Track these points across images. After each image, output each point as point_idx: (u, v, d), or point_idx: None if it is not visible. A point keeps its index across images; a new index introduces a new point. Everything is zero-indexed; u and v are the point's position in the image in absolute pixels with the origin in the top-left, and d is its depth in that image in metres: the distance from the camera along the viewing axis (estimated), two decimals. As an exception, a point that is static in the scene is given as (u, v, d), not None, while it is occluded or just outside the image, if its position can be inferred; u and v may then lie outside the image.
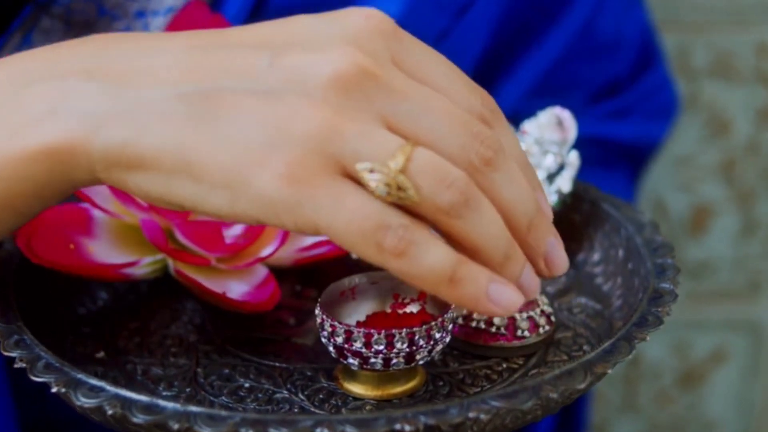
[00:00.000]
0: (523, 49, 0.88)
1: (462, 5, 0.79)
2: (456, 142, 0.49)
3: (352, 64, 0.49)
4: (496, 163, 0.50)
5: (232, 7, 0.75)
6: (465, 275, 0.49)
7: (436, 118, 0.49)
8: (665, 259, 0.63)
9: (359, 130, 0.48)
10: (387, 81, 0.49)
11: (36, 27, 0.71)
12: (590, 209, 0.70)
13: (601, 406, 1.31)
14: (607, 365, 0.54)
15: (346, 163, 0.48)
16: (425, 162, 0.48)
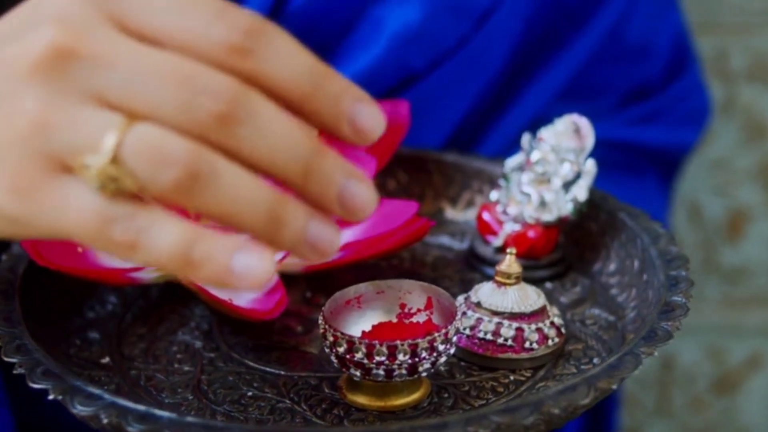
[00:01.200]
0: (550, 54, 0.87)
1: (483, 12, 0.78)
2: (177, 105, 0.44)
3: (47, 46, 0.44)
4: (237, 115, 0.44)
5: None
6: (201, 254, 0.44)
7: (150, 81, 0.44)
8: (679, 272, 0.62)
9: (68, 119, 0.44)
10: (91, 54, 0.44)
11: None
12: (607, 219, 0.69)
13: (635, 410, 1.30)
14: (612, 381, 0.53)
15: (64, 158, 0.44)
16: (137, 142, 0.43)
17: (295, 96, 0.46)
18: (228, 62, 0.45)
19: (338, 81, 0.47)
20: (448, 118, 0.84)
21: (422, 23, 0.77)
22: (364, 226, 0.67)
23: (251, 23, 0.45)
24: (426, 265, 0.70)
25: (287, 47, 0.46)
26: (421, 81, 0.80)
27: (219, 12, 0.45)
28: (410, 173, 0.76)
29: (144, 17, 0.46)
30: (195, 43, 0.45)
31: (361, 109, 0.47)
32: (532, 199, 0.68)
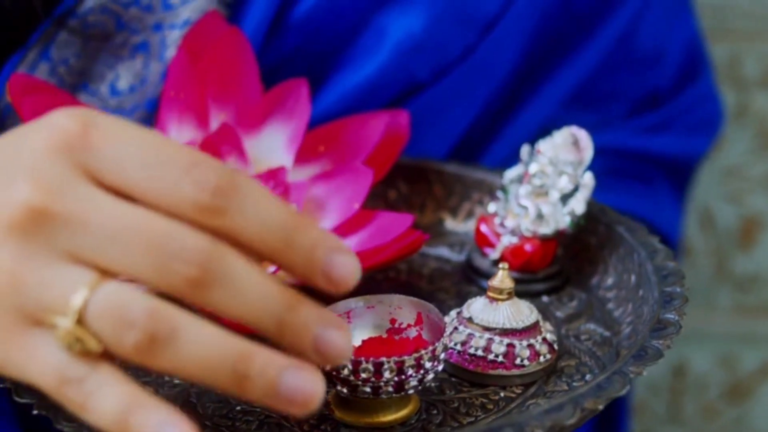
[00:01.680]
0: (558, 61, 0.86)
1: (489, 21, 0.78)
2: (150, 269, 0.45)
3: (23, 205, 0.46)
4: (209, 278, 0.45)
5: (252, 20, 0.74)
6: (137, 423, 0.45)
7: (123, 245, 0.45)
8: (674, 288, 0.61)
9: (39, 278, 0.46)
10: (65, 214, 0.46)
11: (54, 41, 0.71)
12: (606, 232, 0.69)
13: (646, 417, 1.29)
14: (599, 401, 0.53)
15: (35, 315, 0.46)
16: (102, 303, 0.45)
17: (267, 251, 0.47)
18: (198, 220, 0.46)
19: (311, 233, 0.47)
20: (454, 128, 0.84)
21: (426, 32, 0.76)
22: (359, 239, 0.67)
23: (220, 179, 0.46)
24: (423, 277, 0.70)
25: (258, 202, 0.46)
26: (426, 91, 0.79)
27: (187, 168, 0.46)
28: (411, 183, 0.76)
29: (116, 173, 0.47)
30: (165, 202, 0.46)
31: (335, 259, 0.47)
32: (529, 212, 0.67)
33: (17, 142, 0.48)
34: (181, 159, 0.46)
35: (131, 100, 0.73)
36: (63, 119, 0.47)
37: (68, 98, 0.68)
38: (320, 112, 0.76)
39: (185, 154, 0.47)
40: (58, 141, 0.47)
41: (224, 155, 0.68)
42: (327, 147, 0.72)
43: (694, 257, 1.22)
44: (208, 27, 0.71)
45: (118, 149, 0.47)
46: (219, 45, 0.70)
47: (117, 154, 0.47)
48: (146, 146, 0.47)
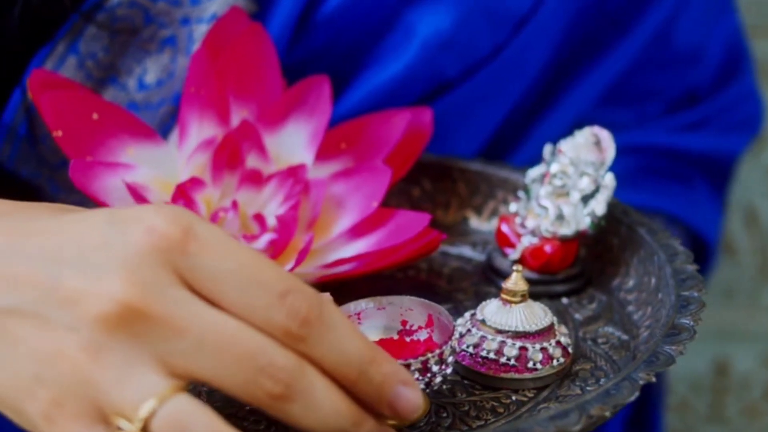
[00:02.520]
0: (592, 59, 0.85)
1: (520, 19, 0.77)
2: (238, 379, 0.47)
3: (116, 301, 0.47)
4: (291, 395, 0.48)
5: (280, 16, 0.74)
6: None
7: (214, 354, 0.47)
8: (691, 293, 0.60)
9: (116, 377, 0.47)
10: (159, 318, 0.47)
11: (82, 35, 0.71)
12: (627, 233, 0.68)
13: (688, 415, 1.28)
14: (606, 408, 0.52)
15: (104, 410, 0.47)
16: (167, 418, 0.46)
17: (342, 380, 0.49)
18: (284, 342, 0.48)
19: (384, 367, 0.50)
20: (484, 127, 0.83)
21: (454, 30, 0.76)
22: (377, 237, 0.67)
23: (309, 310, 0.48)
24: (442, 276, 0.70)
25: (340, 335, 0.49)
26: (455, 89, 0.79)
27: (281, 295, 0.48)
28: (435, 181, 0.76)
29: (211, 284, 0.48)
30: (256, 321, 0.48)
31: (401, 393, 0.50)
32: (549, 213, 0.67)
33: (111, 234, 0.49)
34: (276, 285, 0.48)
35: (158, 95, 0.74)
36: (164, 223, 0.48)
37: (88, 94, 0.69)
38: (347, 109, 0.76)
39: (280, 280, 0.48)
40: (157, 243, 0.48)
41: (244, 152, 0.68)
42: (349, 144, 0.72)
43: (738, 256, 1.21)
44: (230, 23, 0.71)
45: (215, 262, 0.48)
46: (240, 41, 0.70)
47: (214, 267, 0.48)
48: (243, 264, 0.48)
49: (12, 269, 0.49)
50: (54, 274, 0.48)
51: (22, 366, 0.48)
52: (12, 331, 0.48)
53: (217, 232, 0.49)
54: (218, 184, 0.67)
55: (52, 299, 0.48)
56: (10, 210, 0.53)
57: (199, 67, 0.68)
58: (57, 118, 0.66)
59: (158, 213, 0.49)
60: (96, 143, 0.67)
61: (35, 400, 0.48)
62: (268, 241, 0.66)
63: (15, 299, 0.48)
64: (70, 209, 0.53)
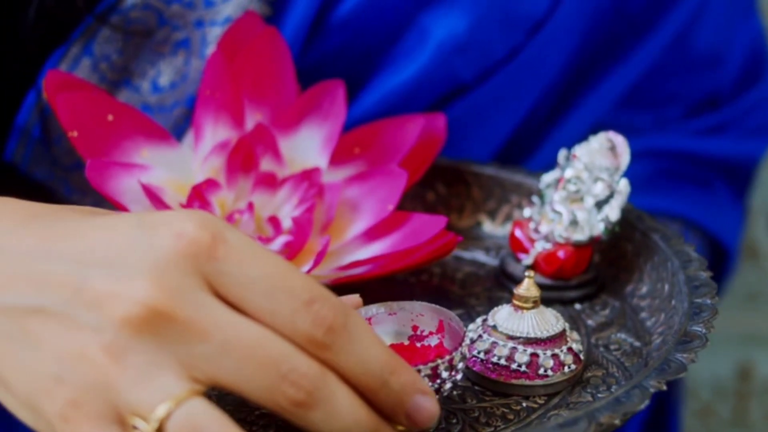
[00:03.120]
0: (609, 63, 0.85)
1: (535, 23, 0.77)
2: (260, 385, 0.47)
3: (142, 304, 0.47)
4: (312, 402, 0.48)
5: (294, 19, 0.74)
6: None
7: (237, 360, 0.47)
8: (704, 300, 0.60)
9: (136, 378, 0.47)
10: (184, 321, 0.47)
11: (96, 37, 0.71)
12: (642, 239, 0.67)
13: (711, 420, 1.27)
14: (615, 416, 0.52)
15: (121, 411, 0.47)
16: (182, 421, 0.46)
17: (363, 388, 0.49)
18: (308, 349, 0.48)
19: (404, 377, 0.50)
20: (501, 130, 0.83)
21: (470, 33, 0.75)
22: (393, 240, 0.67)
23: (335, 318, 0.48)
24: (455, 281, 0.69)
25: (363, 345, 0.49)
26: (471, 92, 0.78)
27: (307, 302, 0.48)
28: (449, 185, 0.75)
29: (238, 290, 0.48)
30: (280, 328, 0.48)
31: (419, 403, 0.51)
32: (563, 218, 0.66)
33: (141, 237, 0.49)
34: (303, 292, 0.48)
35: (172, 97, 0.74)
36: (193, 228, 0.48)
37: (103, 96, 0.69)
38: (362, 112, 0.76)
39: (306, 288, 0.49)
40: (187, 248, 0.48)
41: (259, 155, 0.68)
42: (362, 149, 0.72)
43: (761, 260, 1.20)
44: (245, 26, 0.71)
45: (243, 269, 0.48)
46: (255, 44, 0.70)
47: (241, 274, 0.48)
48: (270, 271, 0.49)
49: (40, 270, 0.49)
50: (82, 275, 0.48)
51: (44, 365, 0.48)
52: (35, 330, 0.49)
53: (246, 239, 0.50)
54: (233, 187, 0.67)
55: (79, 300, 0.48)
56: (40, 212, 0.53)
57: (215, 70, 0.68)
58: (72, 118, 0.66)
59: (188, 218, 0.49)
60: (111, 144, 0.67)
61: (53, 399, 0.48)
62: (283, 244, 0.66)
63: (42, 299, 0.49)
64: (99, 212, 0.53)
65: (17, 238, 0.51)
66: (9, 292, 0.49)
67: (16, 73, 0.72)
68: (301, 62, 0.75)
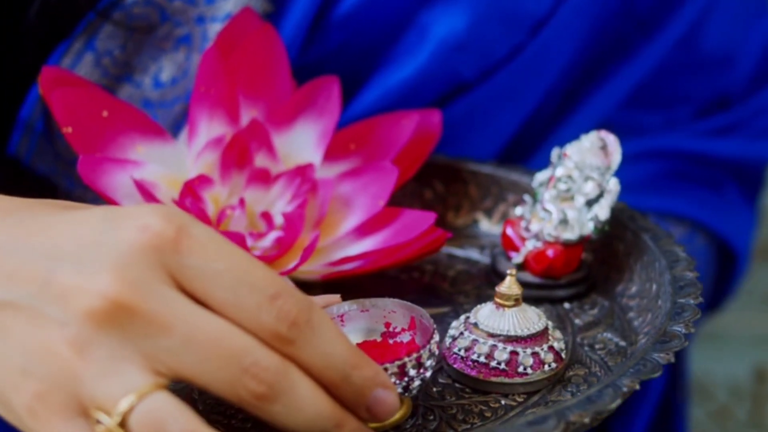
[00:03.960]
0: (615, 62, 0.85)
1: (537, 21, 0.77)
2: (222, 379, 0.47)
3: (105, 297, 0.47)
4: (274, 395, 0.48)
5: (295, 16, 0.74)
6: None
7: (199, 353, 0.47)
8: (687, 300, 0.60)
9: (99, 371, 0.47)
10: (147, 315, 0.47)
11: (99, 32, 0.72)
12: (632, 239, 0.67)
13: (728, 422, 1.27)
14: (586, 414, 0.52)
15: (85, 404, 0.48)
16: (145, 415, 0.47)
17: (325, 382, 0.50)
18: (271, 343, 0.49)
19: (365, 371, 0.51)
20: (504, 129, 0.83)
21: (470, 31, 0.75)
22: (383, 236, 0.67)
23: (299, 313, 0.49)
24: (447, 279, 0.70)
25: (326, 340, 0.50)
26: (473, 90, 0.79)
27: (272, 297, 0.49)
28: (447, 183, 0.76)
29: (201, 284, 0.49)
30: (244, 322, 0.48)
31: (379, 396, 0.51)
32: (553, 217, 0.66)
33: (106, 230, 0.49)
34: (267, 287, 0.49)
35: (173, 93, 0.74)
36: (158, 221, 0.49)
37: (99, 92, 0.69)
38: (362, 110, 0.76)
39: (270, 283, 0.49)
40: (150, 241, 0.48)
41: (253, 151, 0.68)
42: (358, 145, 0.72)
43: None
44: (241, 23, 0.71)
45: (206, 262, 0.49)
46: (251, 41, 0.70)
47: (205, 267, 0.49)
48: (234, 266, 0.49)
49: (11, 265, 0.50)
50: (49, 269, 0.49)
51: (11, 359, 0.49)
52: (4, 324, 0.49)
53: (211, 233, 0.50)
54: (226, 183, 0.68)
55: (46, 294, 0.49)
56: (15, 207, 0.54)
57: (210, 66, 0.68)
58: (67, 114, 0.67)
59: (153, 212, 0.49)
60: (105, 140, 0.68)
61: (20, 393, 0.48)
62: (275, 239, 0.67)
63: (11, 293, 0.49)
64: (72, 206, 0.54)
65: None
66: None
67: (19, 68, 0.73)
68: (301, 59, 0.75)
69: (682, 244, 0.65)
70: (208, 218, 0.66)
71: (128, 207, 0.51)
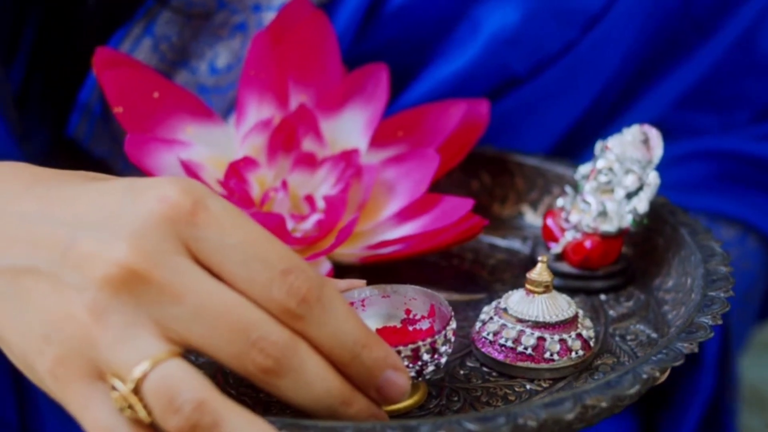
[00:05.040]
0: (671, 61, 0.84)
1: (590, 17, 0.77)
2: (230, 350, 0.48)
3: (121, 265, 0.48)
4: (281, 370, 0.49)
5: (349, 7, 0.75)
6: None
7: (208, 323, 0.48)
8: (718, 293, 0.60)
9: (115, 338, 0.48)
10: (159, 283, 0.48)
11: (157, 18, 0.74)
12: (671, 233, 0.67)
13: None
14: (603, 399, 0.52)
15: (100, 368, 0.49)
16: (158, 381, 0.47)
17: (335, 360, 0.50)
18: (281, 318, 0.49)
19: (376, 351, 0.51)
20: (557, 124, 0.83)
21: (522, 26, 0.76)
22: (422, 222, 0.68)
23: (309, 290, 0.49)
24: (485, 267, 0.70)
25: (336, 317, 0.50)
26: (524, 85, 0.79)
27: (283, 272, 0.49)
28: (494, 175, 0.76)
29: (214, 256, 0.49)
30: (255, 296, 0.49)
31: (390, 378, 0.51)
32: (592, 209, 0.66)
33: (127, 201, 0.51)
34: (279, 262, 0.50)
35: (228, 79, 0.76)
36: (176, 193, 0.50)
37: (151, 73, 0.71)
38: (412, 101, 0.77)
39: (283, 258, 0.50)
40: (167, 212, 0.50)
41: (301, 136, 0.69)
42: (406, 132, 0.73)
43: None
44: (295, 11, 0.72)
45: (221, 236, 0.50)
46: (303, 28, 0.71)
47: (219, 240, 0.50)
48: (248, 240, 0.50)
49: (35, 232, 0.51)
50: (71, 237, 0.50)
51: (34, 324, 0.50)
52: (28, 290, 0.51)
53: (228, 207, 0.51)
54: (273, 165, 0.69)
55: (66, 261, 0.50)
56: (45, 177, 0.55)
57: (259, 51, 0.70)
58: (118, 94, 0.69)
59: (172, 184, 0.50)
60: (155, 121, 0.69)
61: (43, 357, 0.50)
62: (316, 222, 0.67)
63: (34, 259, 0.51)
64: (99, 177, 0.55)
65: (21, 201, 0.53)
66: (7, 253, 0.51)
67: (80, 52, 0.75)
68: (354, 51, 0.76)
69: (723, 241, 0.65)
70: (251, 199, 0.67)
71: (150, 179, 0.52)
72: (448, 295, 0.66)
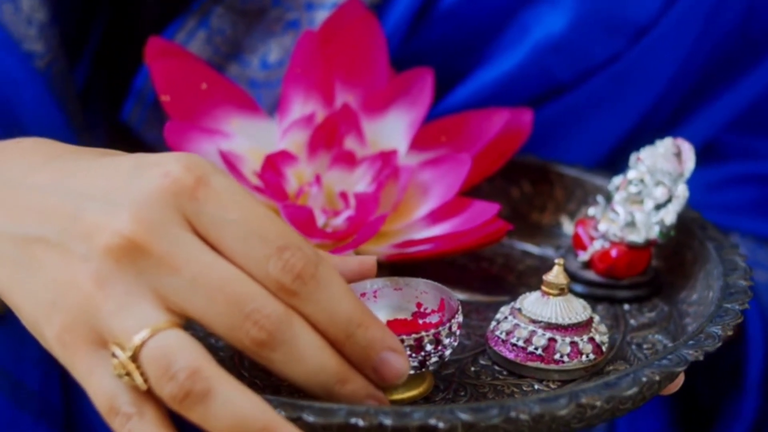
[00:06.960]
0: (726, 81, 0.84)
1: (639, 29, 0.77)
2: (225, 322, 0.50)
3: (122, 235, 0.50)
4: (274, 343, 0.50)
5: (400, 6, 0.77)
6: None
7: (205, 294, 0.50)
8: (733, 305, 0.60)
9: (116, 306, 0.50)
10: (158, 254, 0.50)
11: (211, 14, 0.76)
12: (699, 248, 0.67)
13: None
14: (599, 398, 0.52)
15: (102, 336, 0.50)
16: (155, 350, 0.49)
17: (330, 338, 0.52)
18: (276, 294, 0.51)
19: (371, 331, 0.52)
20: (604, 136, 0.83)
21: (568, 33, 0.76)
22: (450, 224, 0.69)
23: (305, 267, 0.51)
24: (514, 271, 0.71)
25: (331, 295, 0.51)
26: (568, 93, 0.79)
27: (280, 249, 0.51)
28: (534, 183, 0.77)
29: (213, 230, 0.51)
30: (251, 270, 0.51)
31: (386, 358, 0.52)
32: (620, 218, 0.67)
33: (134, 175, 0.53)
34: (276, 238, 0.51)
35: (278, 74, 0.78)
36: (180, 169, 0.52)
37: (199, 65, 0.73)
38: (456, 103, 0.78)
39: (280, 234, 0.51)
40: (170, 187, 0.52)
41: (342, 134, 0.71)
42: (448, 137, 0.74)
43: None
44: (347, 12, 0.74)
45: (221, 211, 0.52)
46: (353, 29, 0.73)
47: (219, 216, 0.51)
48: (248, 217, 0.51)
49: (46, 202, 0.54)
50: (79, 208, 0.52)
51: (43, 292, 0.52)
52: (38, 258, 0.53)
53: (231, 184, 0.52)
54: (312, 161, 0.70)
55: (74, 231, 0.52)
56: (62, 152, 0.58)
57: (306, 49, 0.71)
58: (166, 83, 0.71)
59: (177, 160, 0.52)
60: (200, 111, 0.71)
61: (51, 324, 0.52)
62: (346, 218, 0.69)
63: (44, 229, 0.53)
64: (111, 153, 0.57)
65: (37, 174, 0.55)
66: (20, 223, 0.53)
67: (136, 41, 0.77)
68: (403, 51, 0.78)
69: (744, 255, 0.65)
70: (285, 192, 0.68)
71: (158, 155, 0.54)
72: (472, 295, 0.67)
